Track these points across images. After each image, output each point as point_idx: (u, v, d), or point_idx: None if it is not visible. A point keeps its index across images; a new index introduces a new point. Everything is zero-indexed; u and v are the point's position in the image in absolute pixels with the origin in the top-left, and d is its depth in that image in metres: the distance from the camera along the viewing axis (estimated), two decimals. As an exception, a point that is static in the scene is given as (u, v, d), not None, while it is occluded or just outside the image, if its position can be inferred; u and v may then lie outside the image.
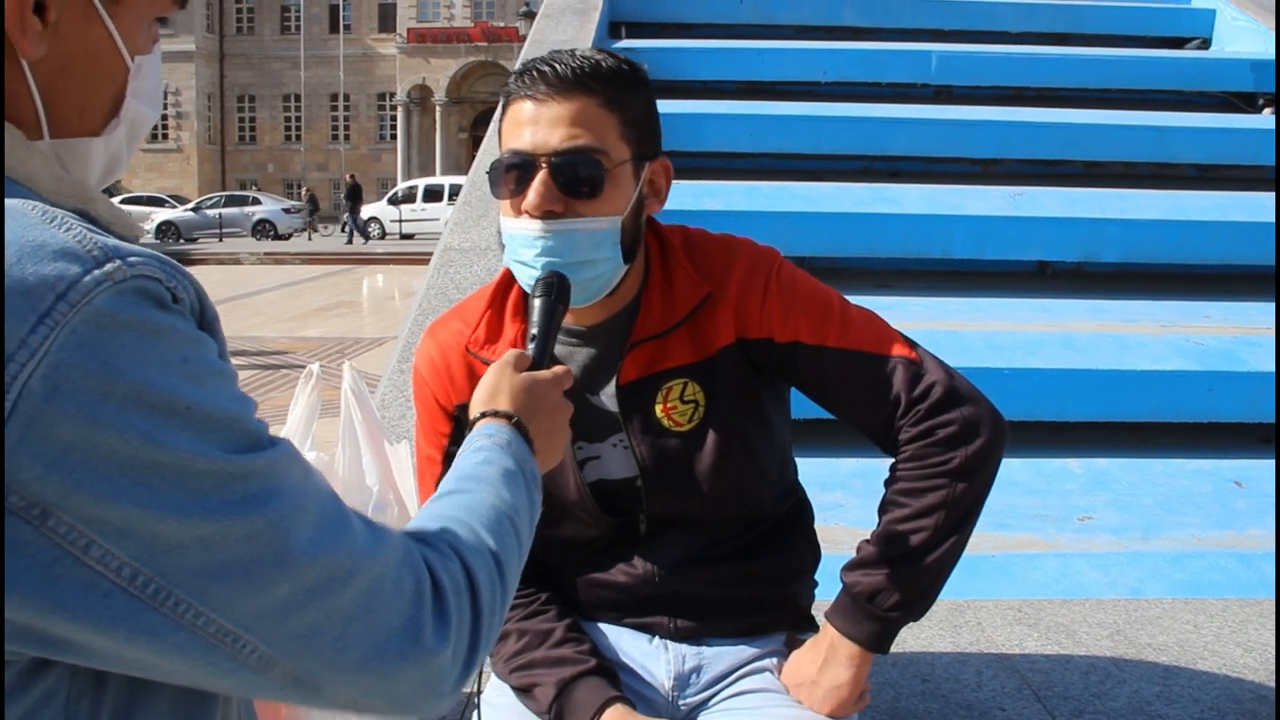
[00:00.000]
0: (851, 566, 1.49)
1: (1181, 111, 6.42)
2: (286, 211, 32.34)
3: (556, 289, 1.32)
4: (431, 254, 4.34)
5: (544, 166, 1.37)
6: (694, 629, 1.57)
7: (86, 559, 0.67)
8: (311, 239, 29.93)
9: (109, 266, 0.69)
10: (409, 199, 30.86)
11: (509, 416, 1.12)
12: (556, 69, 1.38)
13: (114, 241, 0.71)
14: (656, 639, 1.58)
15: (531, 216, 1.38)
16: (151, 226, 29.95)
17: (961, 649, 2.38)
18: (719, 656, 1.56)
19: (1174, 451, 3.73)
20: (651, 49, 6.59)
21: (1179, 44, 7.59)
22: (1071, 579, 2.87)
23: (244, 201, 32.19)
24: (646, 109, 1.46)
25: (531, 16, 7.66)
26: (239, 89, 49.67)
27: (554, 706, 1.46)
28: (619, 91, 1.41)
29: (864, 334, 1.47)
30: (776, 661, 1.56)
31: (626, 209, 1.42)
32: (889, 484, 1.49)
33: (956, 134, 5.85)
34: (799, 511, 1.65)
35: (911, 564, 1.43)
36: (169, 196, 32.29)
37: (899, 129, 5.83)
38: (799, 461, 1.68)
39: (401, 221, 29.86)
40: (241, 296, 16.76)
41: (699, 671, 1.56)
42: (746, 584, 1.56)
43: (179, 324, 0.71)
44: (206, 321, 0.77)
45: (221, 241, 28.49)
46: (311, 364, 2.09)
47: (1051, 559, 2.97)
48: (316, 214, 31.18)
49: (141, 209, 30.29)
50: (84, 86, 0.81)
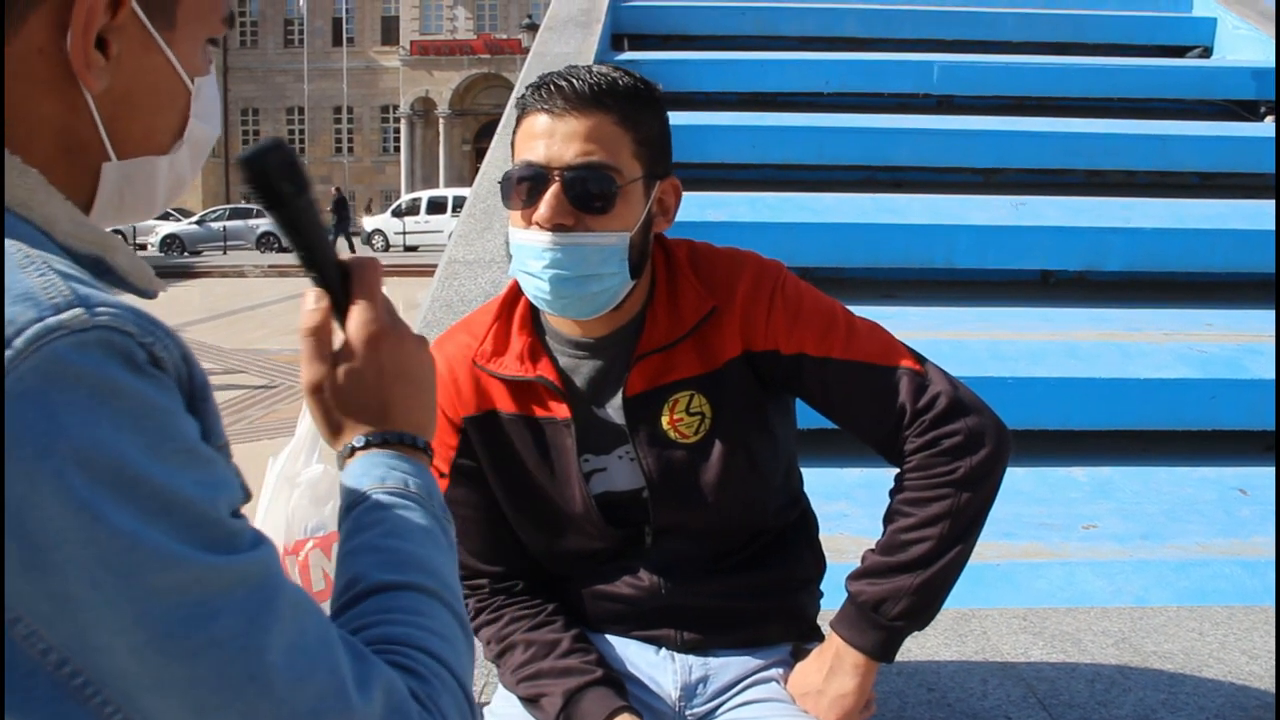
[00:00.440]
0: (856, 576, 1.50)
1: (1183, 120, 6.44)
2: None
3: (276, 176, 0.89)
4: (435, 266, 4.36)
5: (557, 180, 1.39)
6: (701, 641, 1.57)
7: (12, 634, 0.59)
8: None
9: (68, 314, 0.61)
10: (413, 211, 30.88)
11: (379, 440, 0.91)
12: (574, 84, 1.39)
13: (88, 291, 0.64)
14: (663, 650, 1.59)
15: (542, 228, 1.39)
16: (156, 240, 30.01)
17: (967, 658, 2.38)
18: (725, 667, 1.57)
19: (1178, 459, 3.73)
20: (654, 61, 6.62)
21: (1180, 53, 7.61)
22: (1076, 587, 2.87)
23: (248, 214, 32.16)
24: (660, 129, 1.48)
25: (534, 29, 7.69)
26: (243, 102, 49.76)
27: (561, 716, 1.46)
28: (634, 110, 1.43)
29: (869, 345, 1.48)
30: (783, 671, 1.57)
31: (636, 226, 1.43)
32: (894, 494, 1.50)
33: (959, 144, 5.87)
34: (804, 522, 1.66)
35: (916, 573, 1.44)
36: (173, 210, 32.33)
37: (901, 139, 5.85)
38: (804, 472, 1.69)
39: (405, 234, 29.88)
40: (246, 309, 16.79)
41: (705, 682, 1.57)
42: (752, 596, 1.57)
43: (145, 389, 0.63)
44: (195, 388, 0.69)
45: (226, 254, 28.53)
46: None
47: (1056, 567, 2.98)
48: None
49: (145, 222, 30.35)
50: (148, 112, 0.80)
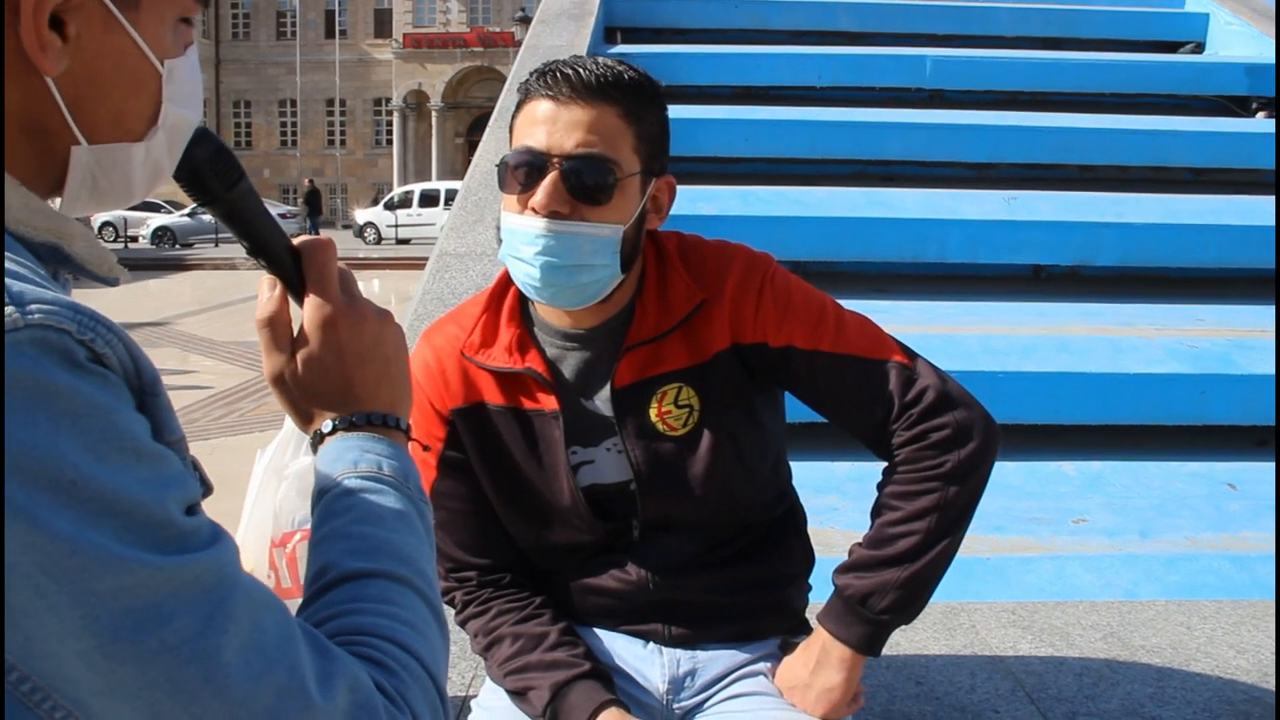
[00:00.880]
0: (843, 569, 1.50)
1: (1176, 115, 6.45)
2: (283, 217, 32.25)
3: (207, 170, 0.87)
4: (427, 259, 4.35)
5: (556, 168, 1.38)
6: (689, 636, 1.57)
7: None
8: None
9: None
10: (405, 204, 30.82)
11: (346, 424, 0.89)
12: (581, 73, 1.39)
13: (22, 287, 0.62)
14: (651, 644, 1.58)
15: (536, 214, 1.38)
16: (147, 232, 29.88)
17: (956, 651, 2.38)
18: (713, 660, 1.57)
19: (1168, 454, 3.74)
20: (647, 54, 6.61)
21: (1173, 48, 7.63)
22: (1065, 581, 2.88)
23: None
24: (660, 126, 1.47)
25: (527, 22, 7.67)
26: (235, 94, 49.58)
27: (549, 710, 1.46)
28: (638, 105, 1.42)
29: (858, 339, 1.48)
30: (771, 665, 1.57)
31: (630, 220, 1.43)
32: (882, 487, 1.49)
33: (951, 138, 5.87)
34: (792, 516, 1.66)
35: (903, 567, 1.44)
36: (164, 202, 32.14)
37: (893, 133, 5.85)
38: (794, 465, 1.69)
39: (398, 226, 29.81)
40: (238, 301, 16.74)
41: (693, 675, 1.56)
42: (741, 590, 1.57)
43: (85, 388, 0.61)
44: (144, 384, 0.67)
45: (217, 247, 28.36)
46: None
47: (1046, 561, 2.98)
48: (321, 217, 30.71)
49: (137, 214, 30.23)
50: (114, 95, 0.77)
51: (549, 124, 1.39)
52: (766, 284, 1.49)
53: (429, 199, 30.08)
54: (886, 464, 1.50)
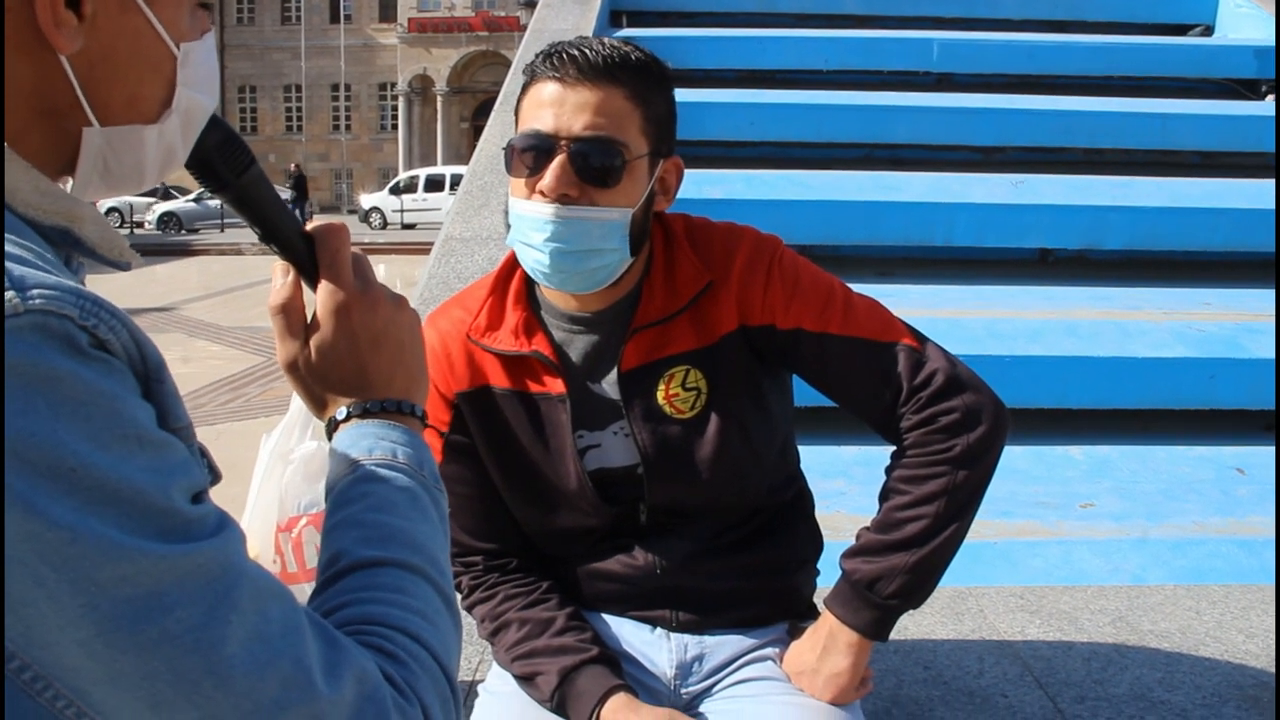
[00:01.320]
0: (851, 554, 1.49)
1: (1183, 99, 6.42)
2: (289, 203, 32.20)
3: (216, 157, 0.86)
4: (432, 244, 4.34)
5: (564, 150, 1.37)
6: (696, 621, 1.57)
7: None
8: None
9: None
10: (410, 189, 30.82)
11: (361, 411, 0.89)
12: (588, 54, 1.37)
13: (24, 272, 0.61)
14: (658, 629, 1.58)
15: (546, 199, 1.37)
16: (153, 217, 29.91)
17: (964, 636, 2.38)
18: (721, 645, 1.57)
19: (1175, 439, 3.73)
20: (653, 38, 6.58)
21: (1181, 31, 7.58)
22: (1073, 566, 2.88)
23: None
24: (668, 107, 1.46)
25: (533, 5, 7.63)
26: (240, 79, 49.49)
27: (556, 695, 1.46)
28: (645, 87, 1.41)
29: (866, 321, 1.47)
30: (779, 650, 1.56)
31: (639, 203, 1.42)
32: (890, 471, 1.49)
33: (958, 122, 5.85)
34: (800, 501, 1.65)
35: (911, 552, 1.43)
36: (170, 187, 32.15)
37: (900, 117, 5.83)
38: (801, 450, 1.67)
39: (403, 211, 29.83)
40: (243, 287, 16.76)
41: (701, 660, 1.56)
42: (748, 576, 1.56)
43: (87, 374, 0.60)
44: (149, 370, 0.66)
45: (223, 232, 28.41)
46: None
47: (1053, 546, 2.98)
48: (308, 202, 30.61)
49: (142, 199, 30.25)
50: (129, 77, 0.76)
51: (556, 106, 1.38)
52: (774, 265, 1.47)
53: (434, 184, 30.09)
54: (895, 448, 1.49)
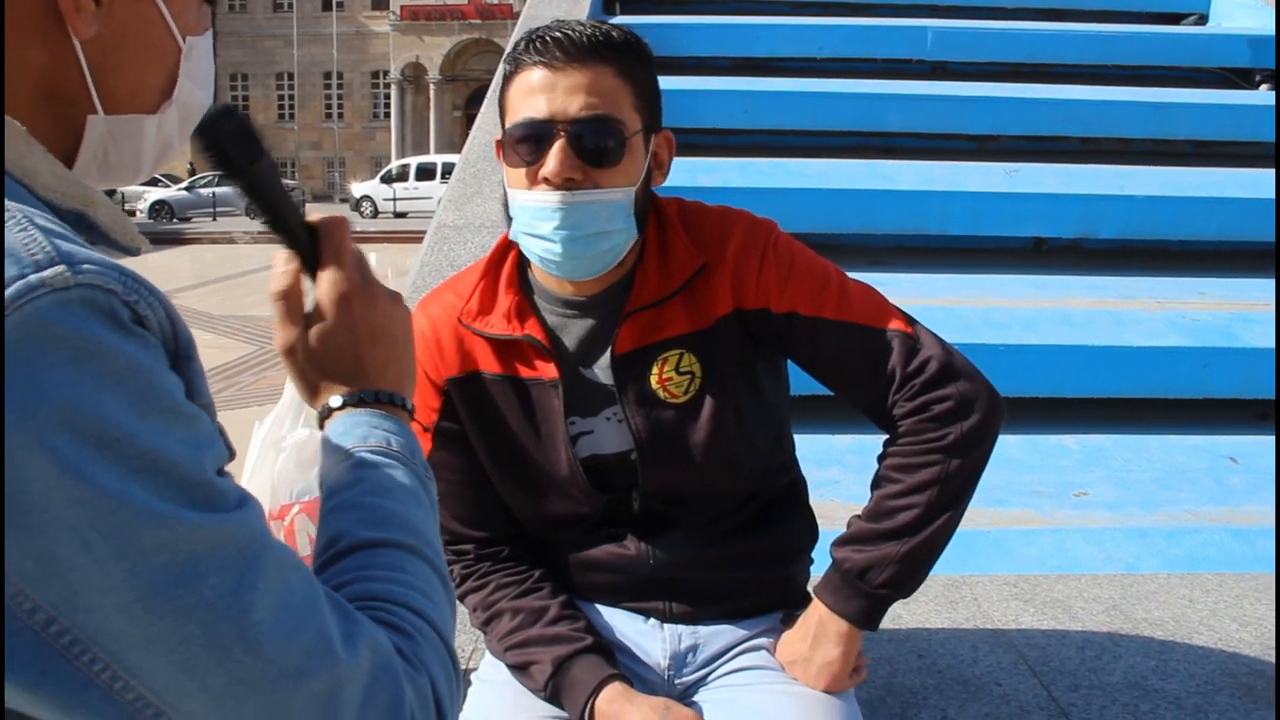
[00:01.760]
0: (842, 542, 1.48)
1: (1178, 88, 6.40)
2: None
3: (231, 144, 0.86)
4: (425, 232, 4.33)
5: (563, 134, 1.35)
6: (690, 612, 1.56)
7: None
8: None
9: (50, 272, 0.61)
10: (402, 177, 30.78)
11: (355, 400, 0.91)
12: (572, 36, 1.36)
13: (71, 247, 0.63)
14: (652, 619, 1.57)
15: (551, 185, 1.36)
16: (145, 206, 29.83)
17: (958, 625, 2.38)
18: (715, 635, 1.56)
19: (1170, 428, 3.73)
20: (647, 24, 6.55)
21: (1176, 19, 7.57)
22: (1067, 554, 2.87)
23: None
24: (652, 83, 1.46)
25: (525, -7, 7.61)
26: (231, 67, 49.29)
27: (550, 684, 1.45)
28: (631, 63, 1.40)
29: (861, 307, 1.46)
30: (772, 640, 1.56)
31: (639, 180, 1.41)
32: (882, 459, 1.47)
33: (952, 110, 5.84)
34: (795, 489, 1.64)
35: (902, 541, 1.42)
36: (162, 175, 32.07)
37: (894, 105, 5.81)
38: (796, 438, 1.66)
39: (395, 200, 29.79)
40: (236, 275, 16.72)
41: (695, 650, 1.55)
42: (742, 565, 1.55)
43: (129, 348, 0.63)
44: (179, 347, 0.69)
45: (215, 220, 28.36)
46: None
47: (1047, 535, 2.98)
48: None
49: (135, 188, 30.17)
50: (136, 66, 0.79)
51: (548, 91, 1.36)
52: (769, 248, 1.46)
53: (426, 172, 30.06)
54: (888, 435, 1.48)
